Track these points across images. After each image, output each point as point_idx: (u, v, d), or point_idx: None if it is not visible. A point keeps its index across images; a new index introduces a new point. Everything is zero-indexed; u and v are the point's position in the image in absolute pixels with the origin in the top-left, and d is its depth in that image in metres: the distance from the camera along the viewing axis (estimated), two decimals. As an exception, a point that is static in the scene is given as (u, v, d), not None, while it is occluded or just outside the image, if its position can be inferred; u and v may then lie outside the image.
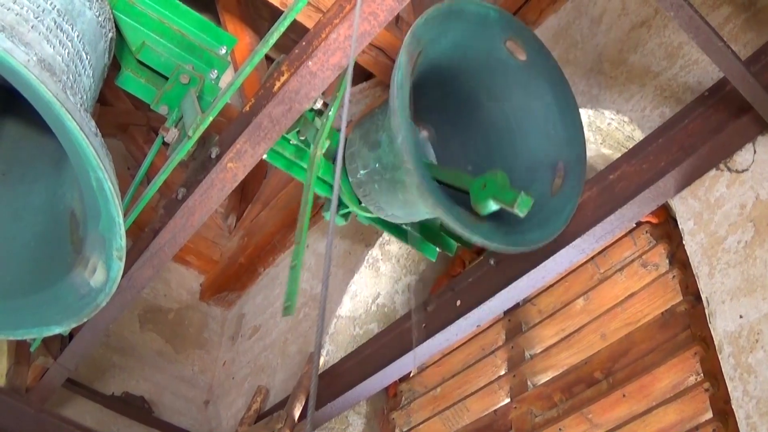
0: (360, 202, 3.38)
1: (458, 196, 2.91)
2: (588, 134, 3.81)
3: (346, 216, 3.54)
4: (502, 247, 2.93)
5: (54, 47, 2.70)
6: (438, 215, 2.80)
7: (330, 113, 3.20)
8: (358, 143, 3.24)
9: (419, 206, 3.12)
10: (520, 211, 2.72)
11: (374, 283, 5.01)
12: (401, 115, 2.67)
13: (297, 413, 4.50)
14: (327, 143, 3.22)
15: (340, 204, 3.46)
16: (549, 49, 3.32)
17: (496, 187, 2.79)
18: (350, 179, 3.29)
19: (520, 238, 2.98)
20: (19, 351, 4.63)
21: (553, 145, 3.17)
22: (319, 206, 4.67)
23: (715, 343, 2.82)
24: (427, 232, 3.72)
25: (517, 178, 2.94)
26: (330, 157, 3.36)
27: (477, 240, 2.83)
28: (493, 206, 2.80)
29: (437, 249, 3.79)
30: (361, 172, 3.21)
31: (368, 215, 3.49)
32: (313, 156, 3.20)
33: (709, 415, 2.90)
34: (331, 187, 3.45)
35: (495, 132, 3.31)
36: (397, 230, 3.71)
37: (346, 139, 3.29)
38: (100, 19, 3.13)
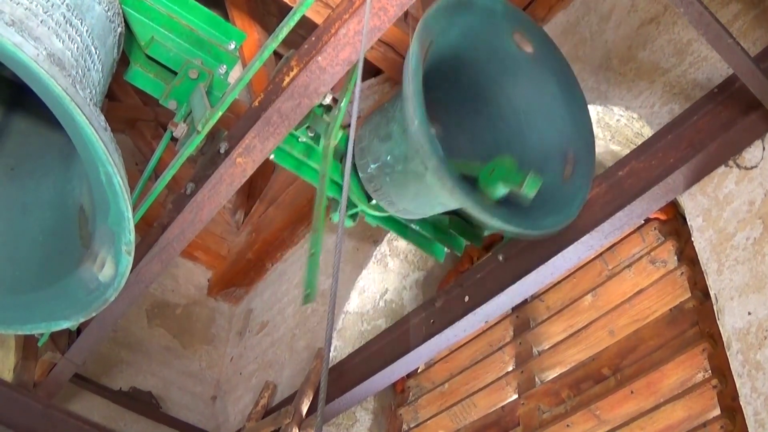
0: (369, 200, 3.38)
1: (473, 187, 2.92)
2: (597, 131, 3.81)
3: (354, 217, 3.54)
4: (518, 231, 2.94)
5: (63, 42, 2.70)
6: (456, 200, 2.80)
7: (342, 104, 3.19)
8: (368, 138, 3.24)
9: (432, 197, 3.12)
10: (529, 191, 2.73)
11: (382, 279, 5.01)
12: (416, 101, 2.67)
13: (305, 409, 4.50)
14: (340, 133, 3.22)
15: (348, 205, 3.46)
16: (557, 44, 3.33)
17: (504, 171, 2.80)
18: (360, 175, 3.29)
19: (535, 223, 2.99)
20: (27, 346, 4.64)
21: (562, 135, 3.19)
22: (327, 210, 4.66)
23: (724, 339, 2.82)
24: (435, 232, 3.72)
25: (527, 167, 2.95)
26: (338, 156, 3.35)
27: (495, 223, 2.84)
28: (502, 190, 2.80)
29: (445, 249, 3.79)
30: (372, 166, 3.21)
31: (377, 214, 3.49)
32: (326, 146, 3.20)
33: (717, 411, 2.90)
34: (340, 187, 3.44)
35: (503, 124, 3.32)
36: (405, 230, 3.70)
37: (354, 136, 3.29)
38: (109, 14, 3.13)
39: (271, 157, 3.35)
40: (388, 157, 3.14)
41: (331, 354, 4.75)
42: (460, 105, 3.40)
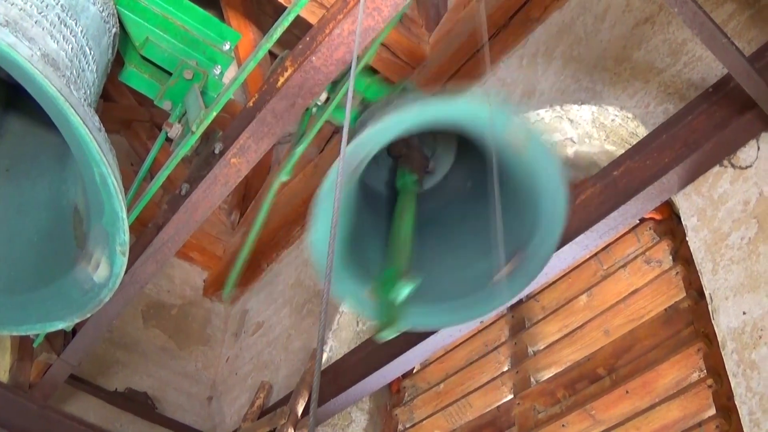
0: None
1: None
2: (592, 130, 3.82)
3: None
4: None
5: (58, 42, 2.70)
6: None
7: (331, 106, 3.18)
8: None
9: None
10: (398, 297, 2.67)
11: (378, 279, 5.01)
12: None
13: (300, 409, 4.51)
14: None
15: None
16: (551, 44, 3.30)
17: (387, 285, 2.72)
18: None
19: (431, 317, 2.98)
20: (23, 347, 4.64)
21: (523, 234, 2.98)
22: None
23: (719, 339, 2.82)
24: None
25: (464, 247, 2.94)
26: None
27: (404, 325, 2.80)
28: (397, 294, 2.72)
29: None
30: None
31: None
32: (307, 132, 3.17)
33: (712, 411, 2.90)
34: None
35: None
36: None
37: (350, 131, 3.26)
38: (103, 14, 3.13)
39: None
40: None
41: (326, 354, 4.79)
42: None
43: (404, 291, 2.66)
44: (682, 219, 3.19)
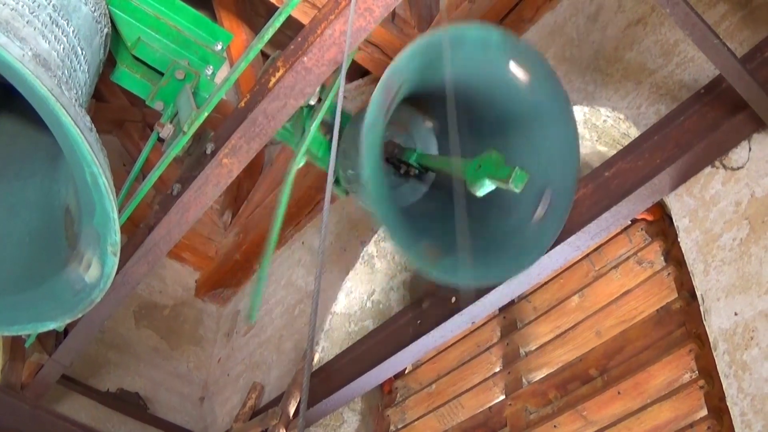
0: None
1: (428, 230, 2.92)
2: (584, 131, 3.81)
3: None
4: (464, 283, 2.93)
5: (49, 42, 2.70)
6: (397, 250, 2.79)
7: (325, 104, 3.18)
8: (348, 142, 3.22)
9: None
10: (516, 186, 2.69)
11: (369, 280, 5.01)
12: (369, 157, 2.64)
13: (292, 410, 4.50)
14: (314, 133, 3.19)
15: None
16: (543, 45, 3.31)
17: (490, 166, 2.76)
18: (341, 172, 3.28)
19: (487, 272, 2.99)
20: (14, 347, 4.63)
21: (545, 171, 3.06)
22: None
23: (710, 340, 2.82)
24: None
25: (503, 199, 2.94)
26: (325, 144, 3.34)
27: (437, 277, 2.83)
28: (488, 186, 2.78)
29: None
30: (350, 171, 3.21)
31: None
32: (296, 157, 3.18)
33: (704, 412, 2.90)
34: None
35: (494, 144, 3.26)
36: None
37: (342, 133, 3.28)
38: (95, 14, 3.13)
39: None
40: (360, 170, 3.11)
41: (318, 355, 4.79)
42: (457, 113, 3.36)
43: (519, 179, 2.73)
44: (673, 220, 3.20)
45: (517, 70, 3.01)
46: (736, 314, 2.74)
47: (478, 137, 3.16)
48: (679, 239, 3.14)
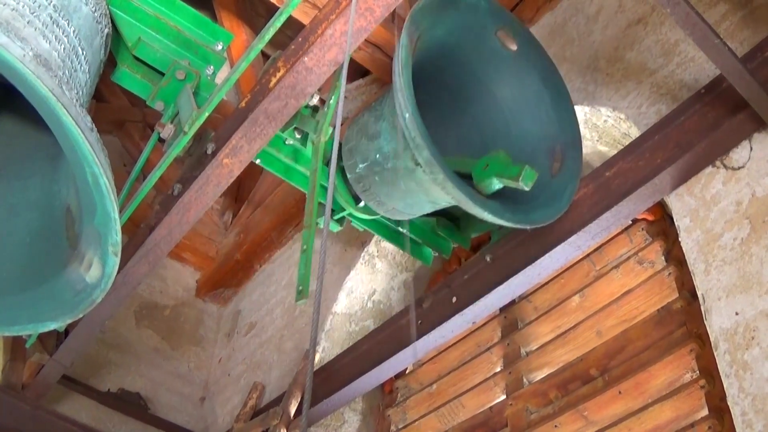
0: (357, 202, 3.39)
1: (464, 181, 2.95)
2: (584, 131, 3.81)
3: (341, 221, 3.55)
4: (510, 224, 2.96)
5: (50, 42, 2.70)
6: (448, 193, 2.81)
7: (332, 102, 3.20)
8: (356, 138, 3.24)
9: (422, 194, 3.13)
10: (525, 184, 2.75)
11: (370, 280, 5.01)
12: (408, 92, 2.69)
13: (293, 410, 4.50)
14: (330, 129, 3.22)
15: (335, 210, 3.47)
16: (543, 45, 3.35)
17: (498, 165, 2.81)
18: (348, 175, 3.29)
19: (527, 216, 3.02)
20: (15, 347, 4.63)
21: (548, 131, 3.23)
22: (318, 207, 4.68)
23: (711, 340, 2.82)
24: (423, 235, 3.72)
25: (516, 164, 2.97)
26: (326, 159, 3.35)
27: (487, 216, 2.86)
28: (497, 184, 2.82)
29: (432, 253, 3.79)
30: (360, 166, 3.22)
31: (364, 217, 3.50)
32: (317, 143, 3.21)
33: (705, 412, 2.90)
34: (326, 190, 3.45)
35: (489, 123, 3.35)
36: (392, 234, 3.71)
37: (344, 135, 3.30)
38: (96, 14, 3.13)
39: (258, 161, 3.36)
40: (377, 156, 3.15)
41: (319, 355, 4.79)
42: (446, 106, 3.42)
43: (528, 177, 2.84)
44: (674, 220, 3.19)
45: (504, 38, 3.13)
46: (737, 314, 2.74)
47: (471, 113, 3.27)
48: (679, 239, 3.13)
